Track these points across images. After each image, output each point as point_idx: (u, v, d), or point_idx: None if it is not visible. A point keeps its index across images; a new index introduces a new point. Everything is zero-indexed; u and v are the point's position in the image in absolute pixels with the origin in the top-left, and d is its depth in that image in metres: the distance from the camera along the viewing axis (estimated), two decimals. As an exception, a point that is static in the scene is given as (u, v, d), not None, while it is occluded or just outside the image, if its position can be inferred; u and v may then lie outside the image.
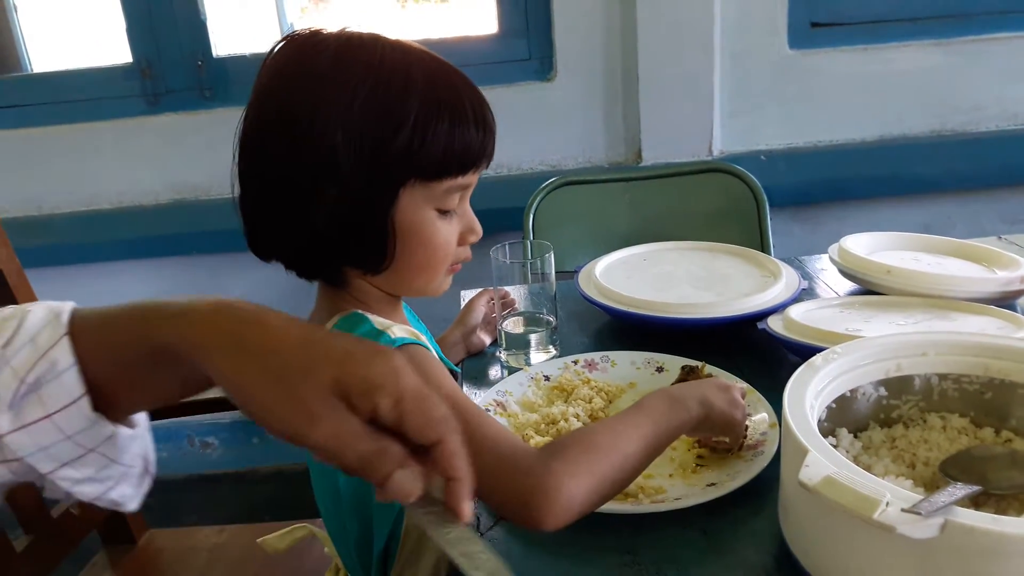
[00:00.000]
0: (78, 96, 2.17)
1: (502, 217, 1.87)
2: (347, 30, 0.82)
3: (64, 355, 0.50)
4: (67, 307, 0.54)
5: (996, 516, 0.57)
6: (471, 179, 0.86)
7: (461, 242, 0.89)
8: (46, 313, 0.52)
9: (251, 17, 2.37)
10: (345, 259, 0.85)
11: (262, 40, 2.33)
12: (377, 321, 0.83)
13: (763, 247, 1.83)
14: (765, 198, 1.86)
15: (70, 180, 2.19)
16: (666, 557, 0.76)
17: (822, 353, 0.81)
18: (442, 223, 0.85)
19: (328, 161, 0.78)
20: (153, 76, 2.13)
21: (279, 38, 0.84)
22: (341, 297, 0.89)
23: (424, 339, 0.85)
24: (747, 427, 0.89)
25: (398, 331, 0.82)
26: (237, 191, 0.85)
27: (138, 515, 1.46)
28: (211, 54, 2.13)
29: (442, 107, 0.80)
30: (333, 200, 0.79)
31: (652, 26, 1.99)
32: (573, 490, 0.70)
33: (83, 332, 0.51)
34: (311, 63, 0.79)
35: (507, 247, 1.15)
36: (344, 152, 0.77)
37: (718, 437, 0.89)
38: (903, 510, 0.57)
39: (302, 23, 2.62)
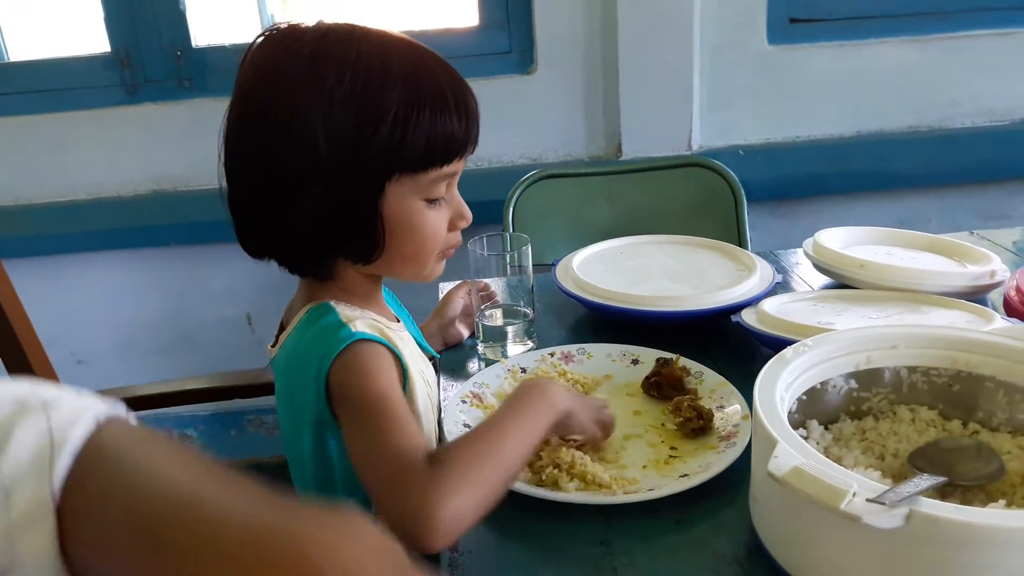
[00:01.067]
0: (56, 85, 2.15)
1: (482, 210, 1.84)
2: (323, 23, 0.82)
3: (39, 551, 0.35)
4: (78, 432, 0.38)
5: (959, 506, 0.58)
6: (457, 167, 0.86)
7: (451, 228, 0.90)
8: (39, 438, 0.37)
9: (230, 7, 2.35)
10: (335, 252, 0.86)
11: (242, 30, 2.32)
12: (343, 314, 0.84)
13: (740, 241, 1.84)
14: (743, 192, 1.87)
15: (48, 170, 2.17)
16: (639, 547, 0.77)
17: (793, 346, 0.82)
18: (430, 212, 0.85)
19: (311, 159, 0.78)
20: (131, 66, 2.11)
21: (258, 33, 0.84)
22: (323, 287, 0.89)
23: (387, 332, 0.86)
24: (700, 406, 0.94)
25: (360, 325, 0.82)
26: (224, 189, 0.85)
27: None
28: (190, 44, 2.11)
29: (422, 98, 0.80)
30: (319, 197, 0.79)
31: (632, 20, 2.00)
32: (458, 505, 0.68)
33: (85, 503, 0.36)
34: (289, 61, 0.79)
35: (485, 239, 1.15)
36: (326, 149, 0.77)
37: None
38: (867, 500, 0.58)
39: (283, 13, 2.60)
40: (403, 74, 0.80)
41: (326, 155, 0.78)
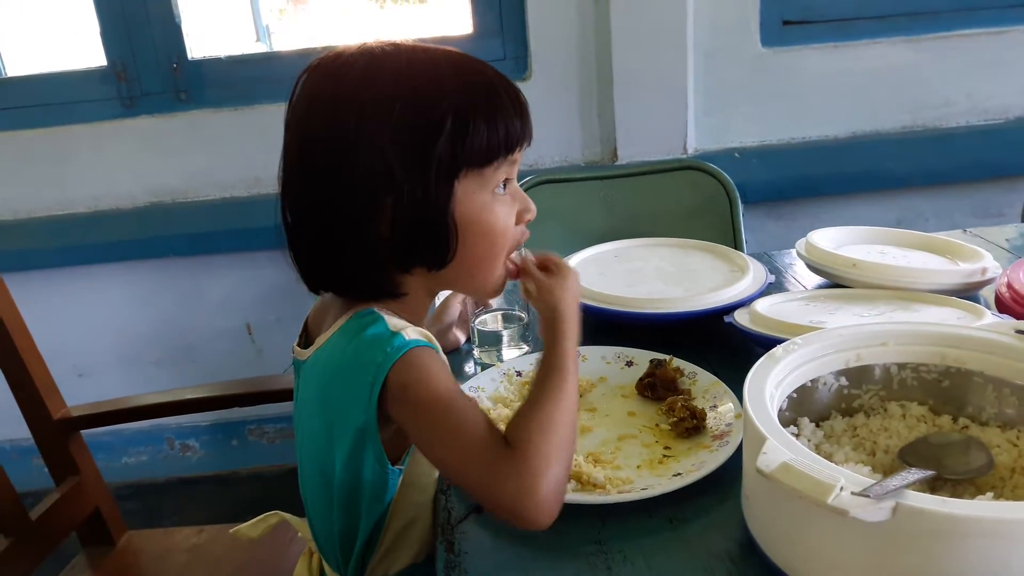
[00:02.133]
0: (53, 100, 2.17)
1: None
2: (366, 45, 0.83)
3: None
4: None
5: (945, 499, 0.59)
6: (517, 156, 0.87)
7: (518, 221, 0.91)
8: None
9: (226, 19, 2.37)
10: (410, 264, 0.86)
11: (237, 42, 2.33)
12: (391, 322, 0.84)
13: (736, 243, 1.85)
14: (737, 195, 1.88)
15: (46, 184, 2.19)
16: (633, 546, 0.78)
17: (783, 344, 0.83)
18: (499, 207, 0.87)
19: (382, 174, 0.79)
20: (128, 79, 2.13)
21: (302, 71, 0.85)
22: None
23: (434, 340, 0.86)
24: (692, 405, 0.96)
25: (412, 333, 0.83)
26: (283, 228, 0.86)
27: (117, 516, 1.46)
28: (186, 56, 2.13)
29: (477, 99, 0.81)
30: (393, 209, 0.80)
31: (626, 26, 2.01)
32: (553, 479, 0.74)
33: None
34: (342, 86, 0.80)
35: (479, 245, 1.16)
36: (395, 162, 0.79)
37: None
38: (853, 493, 0.58)
39: (280, 25, 2.62)
40: (455, 78, 0.81)
41: (395, 167, 0.79)
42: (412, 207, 0.81)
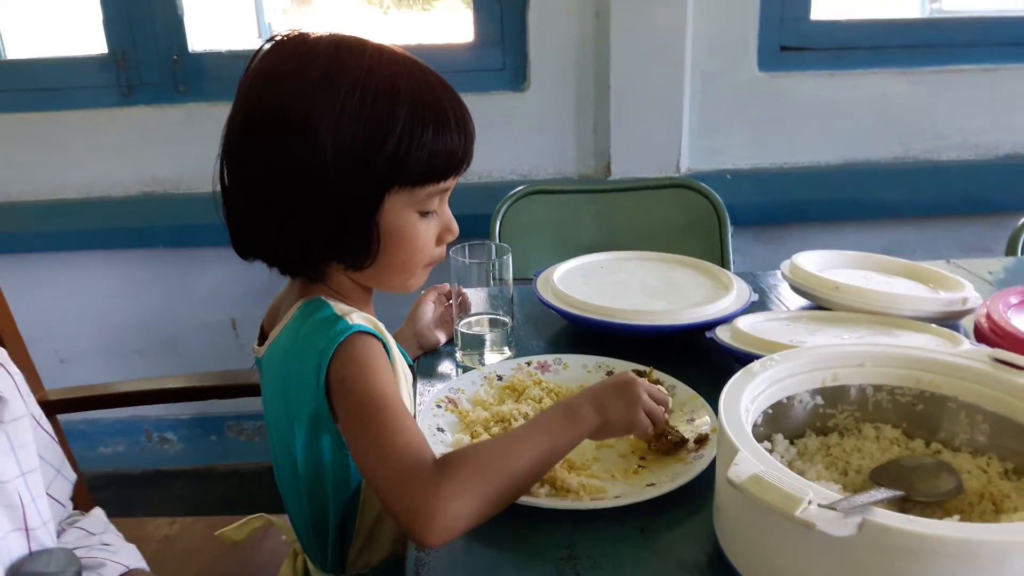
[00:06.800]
0: (52, 84, 2.17)
1: (470, 223, 1.86)
2: (335, 34, 0.85)
3: None
4: None
5: (911, 517, 0.60)
6: (451, 183, 0.89)
7: (439, 241, 0.93)
8: None
9: (228, 14, 2.37)
10: (329, 257, 0.88)
11: (238, 37, 2.34)
12: (337, 308, 0.86)
13: (723, 263, 1.86)
14: (727, 215, 1.89)
15: (39, 168, 2.18)
16: (603, 553, 0.78)
17: (760, 360, 0.84)
18: (423, 224, 0.89)
19: (318, 167, 0.80)
20: (128, 68, 2.13)
21: (264, 40, 0.86)
22: (316, 287, 0.91)
23: (382, 328, 0.88)
24: (668, 414, 0.92)
25: (356, 318, 0.85)
26: (219, 189, 0.87)
27: (90, 506, 1.45)
28: (187, 49, 2.13)
29: (427, 116, 0.83)
30: (320, 203, 0.82)
31: (625, 42, 2.03)
32: (457, 511, 0.72)
33: None
34: (302, 68, 0.82)
35: (467, 248, 1.16)
36: (333, 159, 0.80)
37: (633, 436, 0.92)
38: (821, 506, 0.59)
39: (282, 23, 2.63)
40: (410, 92, 0.83)
41: (332, 164, 0.80)
42: (339, 208, 0.83)
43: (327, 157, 0.80)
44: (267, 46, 0.85)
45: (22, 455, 0.70)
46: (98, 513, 0.85)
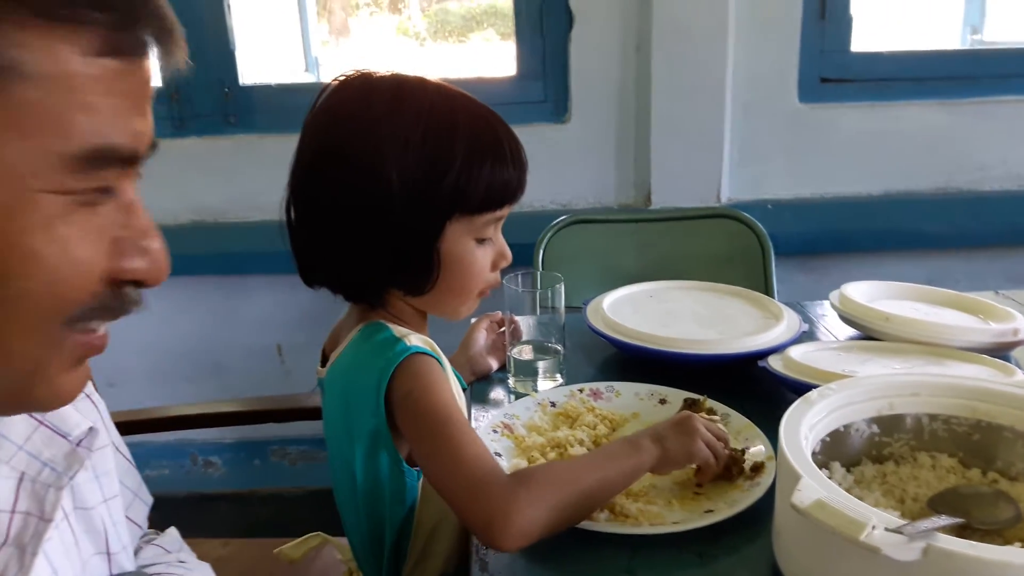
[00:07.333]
0: (107, 116, 2.22)
1: (513, 252, 1.91)
2: (397, 74, 0.91)
3: None
4: None
5: (975, 543, 0.61)
6: (506, 211, 0.94)
7: (493, 267, 0.98)
8: None
9: (278, 49, 2.43)
10: (391, 283, 0.93)
11: (287, 71, 2.39)
12: (397, 330, 0.91)
13: (767, 292, 1.86)
14: (771, 245, 1.90)
15: (93, 197, 2.23)
16: (662, 577, 0.80)
17: (818, 389, 0.85)
18: (480, 251, 0.94)
19: (383, 198, 0.86)
20: (181, 100, 2.19)
21: (331, 80, 0.92)
22: (375, 311, 0.96)
23: (438, 349, 0.93)
24: (734, 450, 0.93)
25: (414, 339, 0.90)
26: (285, 219, 0.93)
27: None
28: (237, 82, 2.19)
29: (484, 150, 0.89)
30: (385, 233, 0.87)
31: (666, 74, 2.05)
32: (532, 517, 0.77)
33: None
34: (367, 107, 0.88)
35: (520, 277, 1.19)
36: (398, 191, 0.86)
37: (695, 467, 0.92)
38: (887, 530, 0.60)
39: (325, 56, 2.69)
40: (468, 126, 0.89)
41: (397, 195, 0.86)
42: (403, 236, 0.88)
43: (392, 190, 0.85)
44: (332, 85, 0.91)
45: (104, 482, 0.73)
46: (173, 532, 0.88)
